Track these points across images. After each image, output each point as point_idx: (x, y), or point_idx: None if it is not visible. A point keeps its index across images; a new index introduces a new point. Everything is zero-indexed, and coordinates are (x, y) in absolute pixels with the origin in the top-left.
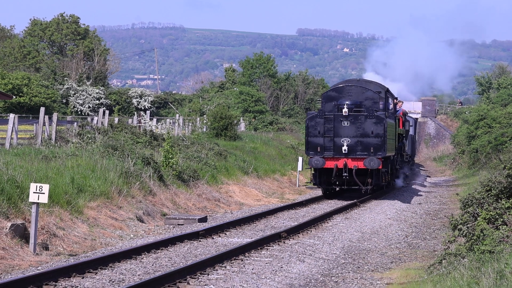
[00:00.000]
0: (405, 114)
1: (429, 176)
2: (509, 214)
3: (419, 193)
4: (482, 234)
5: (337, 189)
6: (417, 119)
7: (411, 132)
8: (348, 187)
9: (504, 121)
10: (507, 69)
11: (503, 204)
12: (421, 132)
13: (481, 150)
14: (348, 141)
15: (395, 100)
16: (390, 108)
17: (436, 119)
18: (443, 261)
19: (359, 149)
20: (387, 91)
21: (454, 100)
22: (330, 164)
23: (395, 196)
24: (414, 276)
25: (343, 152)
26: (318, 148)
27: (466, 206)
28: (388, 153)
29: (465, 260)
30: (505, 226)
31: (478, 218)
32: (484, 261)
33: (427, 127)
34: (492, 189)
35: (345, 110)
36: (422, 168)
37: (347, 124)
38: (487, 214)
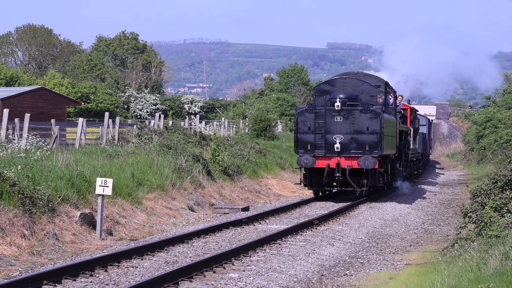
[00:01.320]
0: (414, 111)
1: (443, 174)
2: None
3: (429, 190)
4: (489, 221)
5: (334, 190)
6: (432, 120)
7: (423, 130)
8: (341, 189)
9: (509, 122)
10: (511, 77)
11: (507, 194)
12: (436, 132)
13: (488, 148)
14: (341, 138)
15: (396, 95)
16: (390, 103)
17: (449, 121)
18: (455, 244)
19: (353, 146)
20: (387, 84)
21: (464, 104)
22: (321, 163)
23: (406, 193)
24: (430, 258)
25: (336, 150)
26: (308, 146)
27: (475, 196)
28: (386, 151)
29: (474, 243)
30: (509, 214)
31: (486, 207)
32: (491, 245)
33: (441, 128)
34: (498, 181)
35: (337, 104)
36: (438, 166)
37: (340, 119)
38: (493, 203)
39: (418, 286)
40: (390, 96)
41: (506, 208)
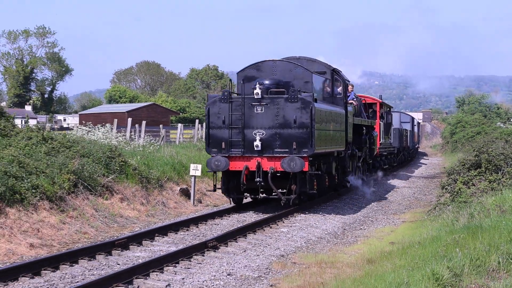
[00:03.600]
0: (386, 106)
1: (426, 164)
2: (476, 179)
3: (412, 174)
4: (459, 191)
5: (260, 196)
6: (419, 122)
7: (406, 127)
8: (265, 196)
9: (473, 123)
10: (474, 93)
11: (472, 173)
12: (422, 131)
13: (458, 141)
14: (263, 133)
15: (347, 84)
16: (337, 92)
17: (431, 123)
18: (436, 208)
19: (277, 144)
20: (334, 71)
21: (442, 111)
22: (237, 165)
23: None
24: (419, 217)
25: (256, 149)
26: (223, 143)
27: (450, 174)
28: (322, 149)
29: (449, 207)
30: (473, 186)
31: (457, 182)
32: (461, 208)
33: (426, 128)
34: (465, 164)
35: (257, 91)
36: (424, 158)
37: (261, 110)
38: (462, 179)
39: (411, 236)
40: (338, 85)
41: (471, 183)
